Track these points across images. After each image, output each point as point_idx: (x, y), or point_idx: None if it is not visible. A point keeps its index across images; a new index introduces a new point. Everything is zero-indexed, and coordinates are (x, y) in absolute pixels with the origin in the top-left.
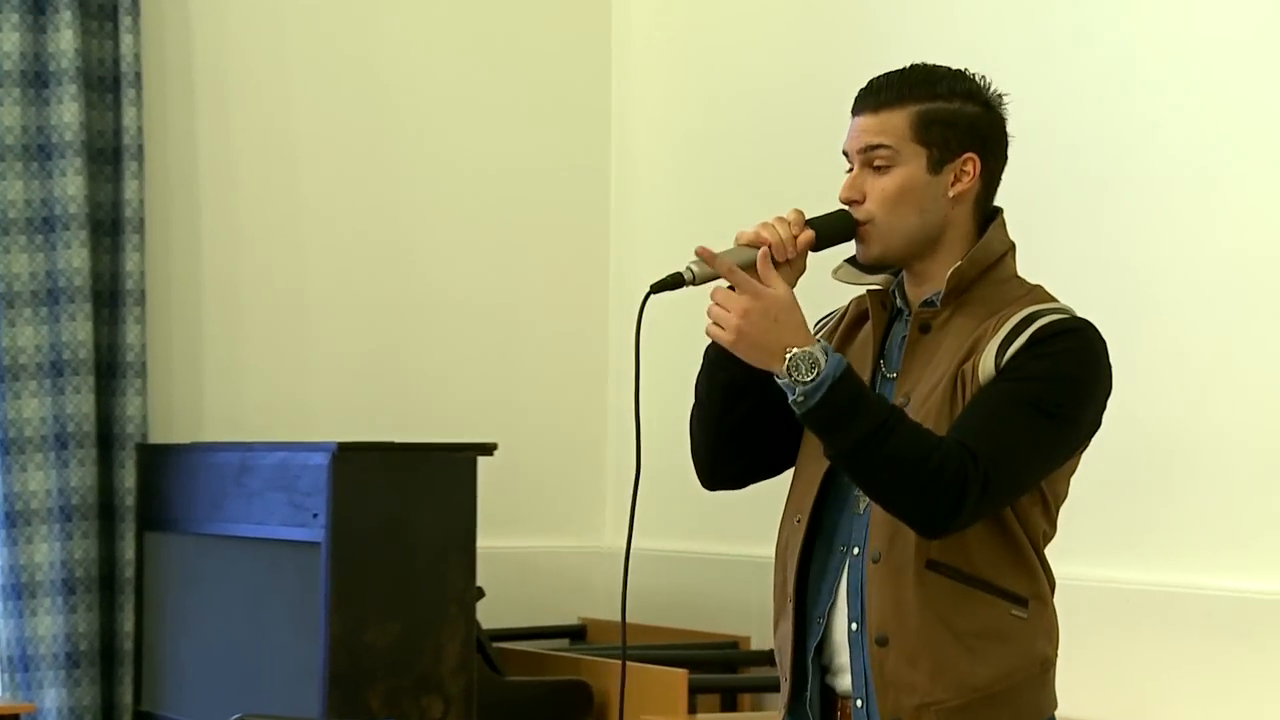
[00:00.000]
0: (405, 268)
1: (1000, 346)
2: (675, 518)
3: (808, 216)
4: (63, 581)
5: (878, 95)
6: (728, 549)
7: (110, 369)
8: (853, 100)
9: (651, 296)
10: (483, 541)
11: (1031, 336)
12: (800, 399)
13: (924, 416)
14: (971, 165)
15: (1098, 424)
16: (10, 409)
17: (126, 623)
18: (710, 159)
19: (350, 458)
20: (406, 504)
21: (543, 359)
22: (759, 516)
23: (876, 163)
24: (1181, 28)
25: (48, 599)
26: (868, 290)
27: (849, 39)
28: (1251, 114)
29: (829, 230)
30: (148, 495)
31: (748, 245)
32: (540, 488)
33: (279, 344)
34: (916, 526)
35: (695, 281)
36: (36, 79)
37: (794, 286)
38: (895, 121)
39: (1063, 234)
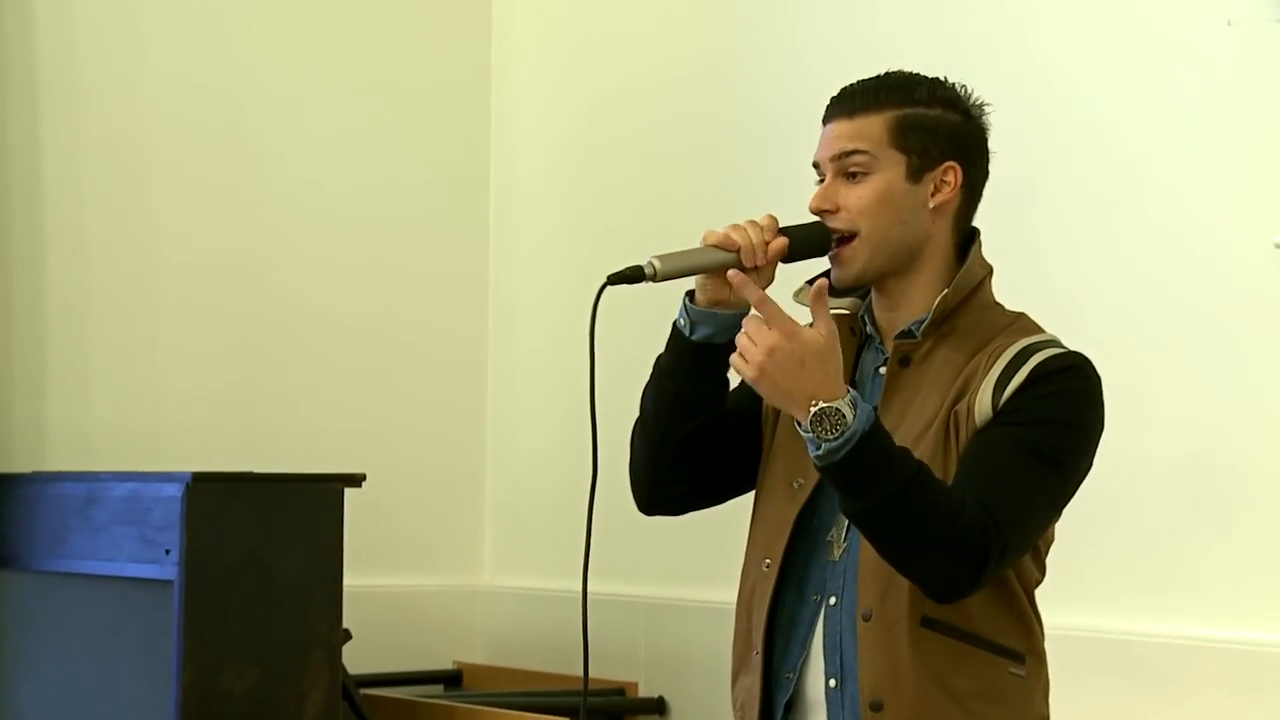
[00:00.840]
0: (267, 284)
1: (997, 384)
2: (560, 555)
3: (780, 224)
4: None
5: (853, 100)
6: (616, 589)
7: None
8: (824, 109)
9: (608, 288)
10: (350, 580)
11: (1031, 374)
12: (822, 455)
13: (924, 459)
14: (953, 175)
15: (1090, 467)
16: None
17: None
18: (596, 166)
19: (206, 489)
20: (267, 539)
21: (415, 382)
22: (650, 555)
23: (852, 169)
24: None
25: None
26: (833, 315)
27: (741, 38)
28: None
29: (804, 241)
30: None
31: (715, 246)
32: (412, 522)
33: (129, 365)
34: (934, 591)
35: (655, 278)
36: None
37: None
38: (872, 126)
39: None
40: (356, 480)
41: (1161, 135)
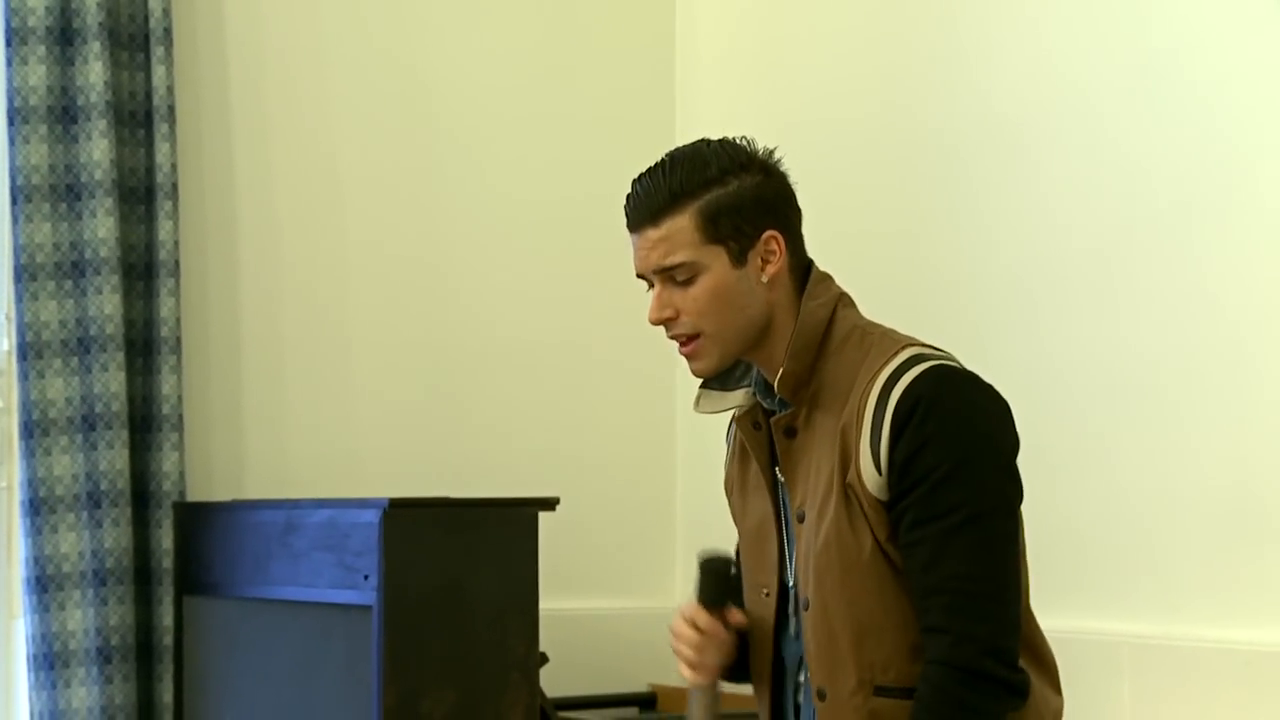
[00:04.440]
0: (458, 308)
1: (870, 445)
2: None
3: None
4: (97, 650)
5: (650, 204)
6: None
7: (145, 422)
8: (625, 219)
9: None
10: (545, 603)
11: (894, 421)
12: None
13: (831, 537)
14: (775, 243)
15: (1019, 480)
16: (40, 466)
17: (165, 694)
18: None
19: (403, 515)
20: (463, 563)
21: (607, 404)
22: None
23: (679, 278)
24: None
25: (81, 669)
26: (734, 418)
27: (927, 56)
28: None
29: (712, 589)
30: (186, 557)
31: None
32: (606, 544)
33: (325, 393)
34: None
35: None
36: (65, 114)
37: (731, 659)
38: (680, 227)
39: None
40: (551, 504)
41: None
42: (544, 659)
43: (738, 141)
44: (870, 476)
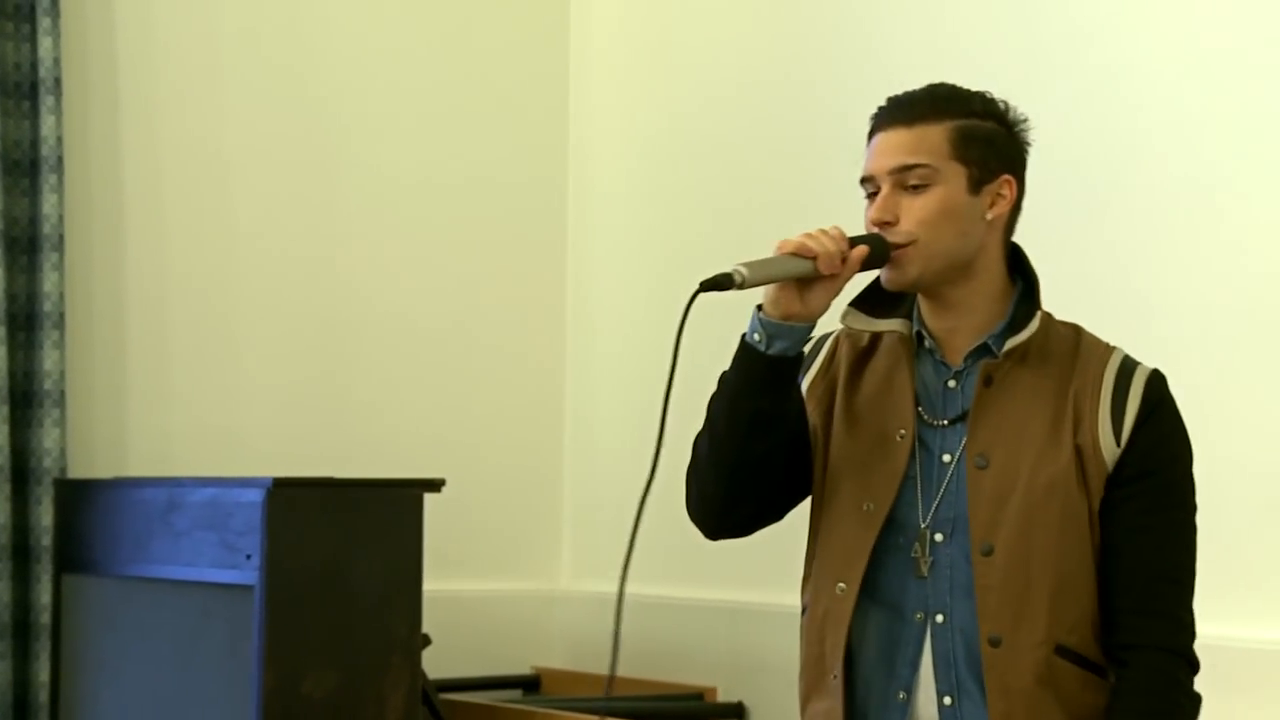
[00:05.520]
0: (345, 289)
1: (1113, 419)
2: (639, 559)
3: (848, 235)
4: None
5: (910, 109)
6: (695, 594)
7: (26, 397)
8: (872, 118)
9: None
10: (429, 584)
11: (1143, 403)
12: None
13: (1059, 490)
14: (1008, 188)
15: None
16: None
17: (42, 672)
18: (673, 168)
19: (287, 494)
20: (347, 544)
21: (494, 386)
22: (730, 560)
23: (912, 182)
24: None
25: None
26: (890, 333)
27: (820, 42)
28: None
29: (873, 251)
30: (66, 534)
31: (792, 254)
32: (491, 526)
33: (209, 370)
34: None
35: (743, 286)
36: None
37: (828, 308)
38: (933, 137)
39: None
40: (436, 485)
41: (1239, 137)
42: (427, 640)
43: (995, 97)
44: (1108, 446)
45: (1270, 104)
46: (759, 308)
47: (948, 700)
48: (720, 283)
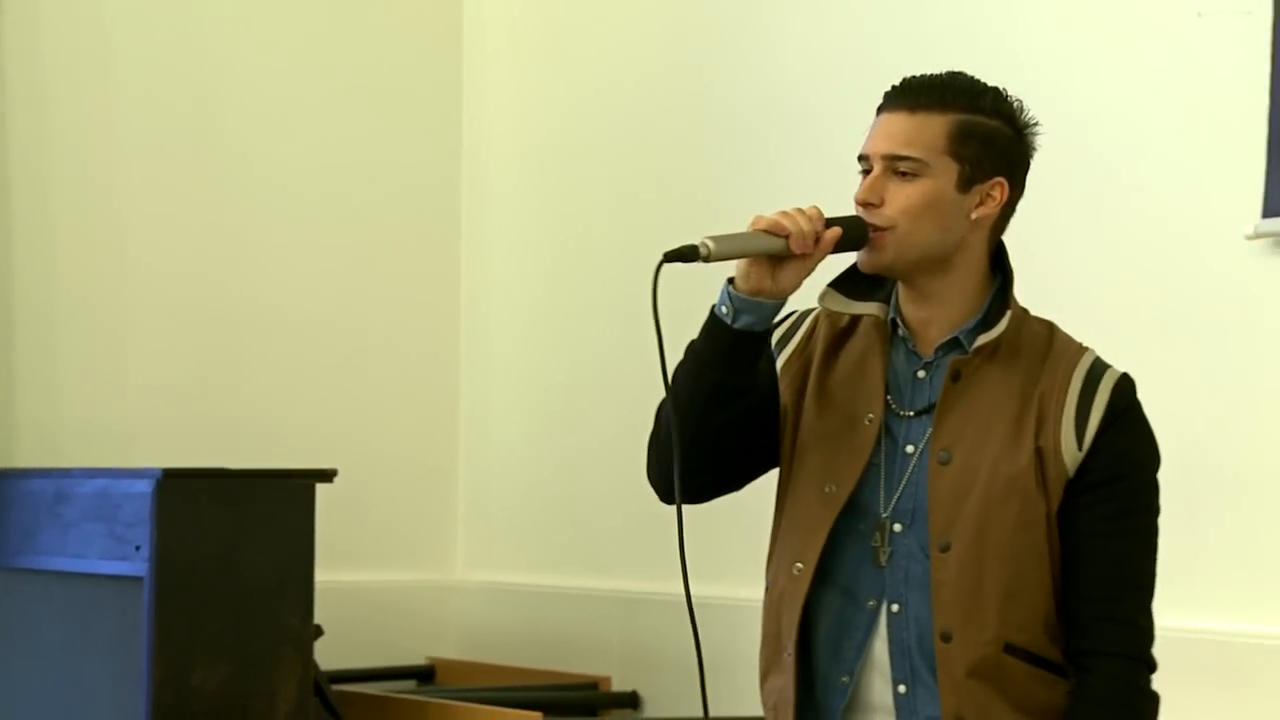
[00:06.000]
0: (237, 283)
1: (1076, 422)
2: (532, 550)
3: (827, 215)
4: None
5: (917, 95)
6: (588, 583)
7: None
8: (883, 96)
9: (663, 266)
10: (321, 575)
11: (1109, 408)
12: None
13: (1016, 491)
14: (999, 190)
15: None
16: None
17: None
18: (566, 166)
19: (176, 486)
20: (238, 535)
21: (388, 379)
22: (625, 549)
23: (903, 169)
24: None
25: None
26: (867, 316)
27: (713, 37)
28: None
29: (850, 233)
30: None
31: (765, 231)
32: (385, 517)
33: (98, 362)
34: None
35: (709, 259)
36: None
37: (799, 287)
38: (932, 128)
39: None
40: (328, 476)
41: (1131, 128)
42: (319, 631)
43: (1010, 98)
44: (1070, 449)
45: (1160, 92)
46: (730, 281)
47: (902, 689)
48: (685, 254)
